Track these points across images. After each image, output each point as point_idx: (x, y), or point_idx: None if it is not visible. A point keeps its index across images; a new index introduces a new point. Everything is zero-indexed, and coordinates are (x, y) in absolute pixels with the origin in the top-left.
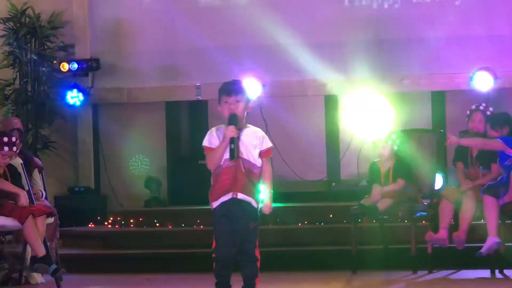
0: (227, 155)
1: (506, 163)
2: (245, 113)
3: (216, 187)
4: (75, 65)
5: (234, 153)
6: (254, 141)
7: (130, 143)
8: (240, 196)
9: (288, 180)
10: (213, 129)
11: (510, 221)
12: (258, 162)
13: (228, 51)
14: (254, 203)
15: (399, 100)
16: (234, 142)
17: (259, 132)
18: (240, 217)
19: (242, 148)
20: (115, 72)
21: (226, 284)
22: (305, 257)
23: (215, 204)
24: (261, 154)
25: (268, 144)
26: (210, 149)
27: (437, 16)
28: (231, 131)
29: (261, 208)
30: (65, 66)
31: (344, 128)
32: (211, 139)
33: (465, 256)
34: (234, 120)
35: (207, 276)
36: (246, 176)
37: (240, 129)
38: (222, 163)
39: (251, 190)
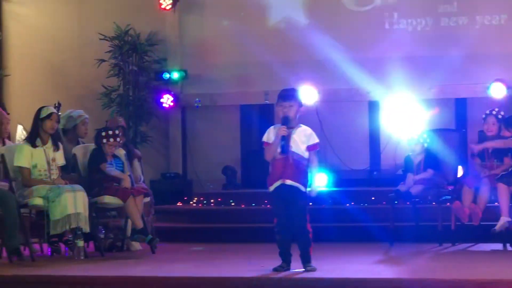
0: (279, 149)
1: None
2: (297, 115)
3: (271, 174)
4: (168, 75)
5: (284, 148)
6: (303, 138)
7: (211, 138)
8: (289, 182)
9: (339, 169)
10: (271, 127)
11: None
12: (305, 154)
13: (290, 63)
14: (301, 188)
15: (429, 105)
16: (284, 139)
17: (308, 130)
18: (291, 198)
19: (292, 143)
20: (199, 81)
21: (286, 252)
22: (352, 231)
23: (271, 188)
24: (309, 148)
25: (314, 140)
26: (267, 144)
27: (461, 37)
28: (283, 130)
29: (309, 191)
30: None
31: (383, 128)
32: (269, 136)
33: (481, 232)
34: (286, 121)
35: (272, 245)
36: (295, 166)
37: (291, 128)
38: (275, 155)
39: (299, 177)
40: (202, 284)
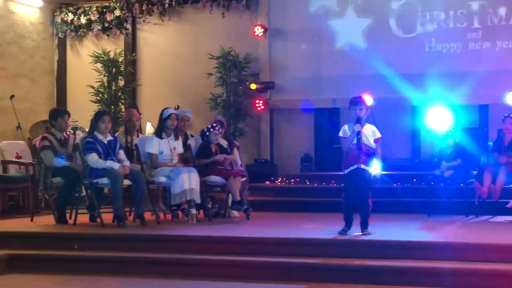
0: (354, 141)
1: None
2: (365, 116)
3: (347, 160)
4: (260, 86)
5: (359, 141)
6: (370, 133)
7: (292, 133)
8: (362, 166)
9: (388, 157)
10: (345, 125)
11: None
12: (373, 145)
13: (352, 77)
14: (369, 170)
15: (459, 109)
16: (359, 134)
17: (373, 127)
18: (361, 179)
19: (363, 137)
20: (283, 90)
21: (350, 218)
22: (398, 205)
23: (346, 171)
24: (375, 141)
25: (378, 134)
26: (343, 138)
27: (484, 57)
28: (358, 127)
29: (374, 174)
30: (253, 85)
31: (423, 126)
32: (344, 132)
33: (499, 207)
34: (359, 120)
35: (337, 215)
36: (366, 154)
37: (362, 126)
38: (351, 146)
39: (369, 163)
40: (285, 243)
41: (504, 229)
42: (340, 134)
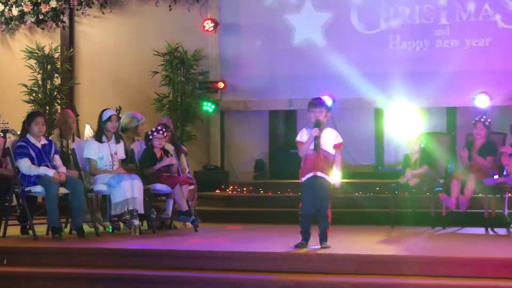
0: (312, 147)
1: None
2: (325, 119)
3: (304, 167)
4: (210, 85)
5: (317, 146)
6: (330, 138)
7: (244, 137)
8: (319, 174)
9: (349, 164)
10: (304, 129)
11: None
12: (332, 152)
13: (310, 76)
14: (328, 179)
15: (425, 113)
16: (316, 139)
17: (334, 132)
18: (319, 188)
19: (322, 142)
20: (235, 90)
21: (307, 231)
22: (360, 216)
23: (303, 179)
24: (334, 147)
25: (339, 140)
26: (301, 143)
27: (452, 56)
28: (316, 131)
29: (333, 183)
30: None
31: (387, 131)
32: (302, 136)
33: (467, 218)
34: (318, 124)
35: (293, 226)
36: (324, 161)
37: (321, 130)
38: (308, 152)
39: (327, 170)
40: (236, 257)
41: (474, 242)
42: (298, 138)
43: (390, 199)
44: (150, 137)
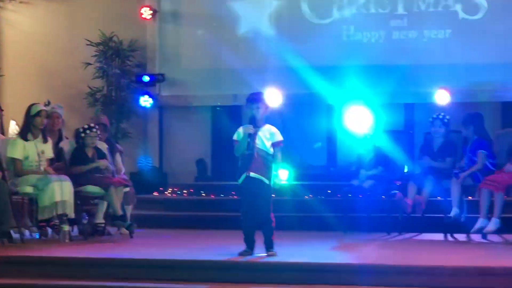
0: (245, 145)
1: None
2: (264, 116)
3: (239, 168)
4: (147, 78)
5: (250, 145)
6: (268, 136)
7: (185, 135)
8: (253, 174)
9: (299, 165)
10: (241, 127)
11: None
12: (270, 151)
13: (257, 69)
14: (266, 180)
15: (381, 109)
16: (250, 137)
17: (273, 129)
18: (256, 190)
19: (258, 141)
20: (175, 84)
21: (251, 238)
22: (310, 221)
23: (239, 181)
24: (273, 145)
25: (278, 138)
26: (237, 141)
27: (410, 49)
28: (249, 129)
29: (273, 183)
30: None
31: (340, 128)
32: (238, 134)
33: (425, 223)
34: (253, 121)
35: (238, 232)
36: (260, 161)
37: (258, 127)
38: (243, 151)
39: (263, 171)
40: (174, 266)
41: (432, 249)
42: (234, 137)
43: (343, 202)
44: (82, 135)
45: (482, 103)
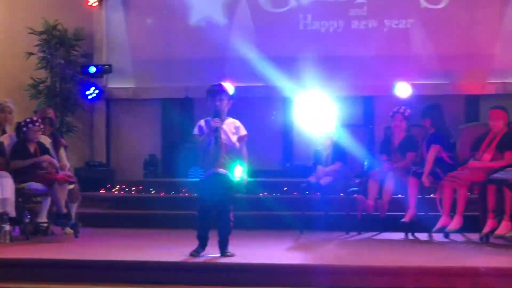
0: (212, 140)
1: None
2: (227, 108)
3: (203, 163)
4: (94, 69)
5: (218, 139)
6: (232, 129)
7: (133, 129)
8: (220, 170)
9: (254, 160)
10: (202, 120)
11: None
12: (235, 145)
13: (209, 60)
14: (231, 176)
15: (339, 102)
16: (217, 131)
17: (237, 122)
18: (220, 187)
19: (223, 134)
20: (123, 75)
21: (204, 236)
22: (265, 219)
23: (203, 176)
24: (238, 139)
25: (243, 131)
26: (199, 136)
27: (369, 39)
28: (216, 122)
29: (238, 181)
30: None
31: (297, 122)
32: (200, 128)
33: (385, 222)
34: (218, 114)
35: (188, 231)
36: (226, 156)
37: (222, 121)
38: (207, 146)
39: (229, 166)
40: (121, 267)
41: (392, 249)
42: (195, 131)
43: (299, 200)
44: (24, 129)
45: (445, 96)
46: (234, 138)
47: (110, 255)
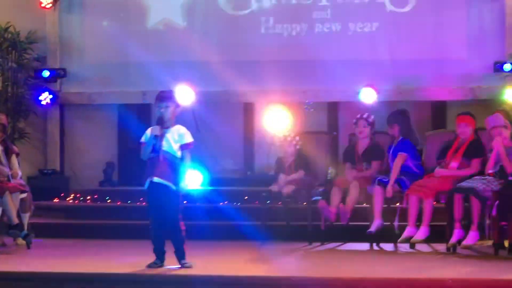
0: (152, 148)
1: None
2: (174, 116)
3: (145, 173)
4: (47, 73)
5: (155, 147)
6: (176, 137)
7: (89, 136)
8: (157, 179)
9: (213, 169)
10: (149, 128)
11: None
12: (178, 153)
13: (168, 64)
14: (171, 186)
15: (302, 108)
16: (155, 139)
17: (182, 129)
18: (162, 196)
19: (165, 143)
20: (78, 79)
21: (160, 249)
22: (225, 230)
23: (145, 186)
24: (181, 147)
25: (188, 139)
26: (144, 144)
27: (333, 44)
28: (155, 130)
29: (182, 189)
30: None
31: (258, 129)
32: (146, 136)
33: (350, 232)
34: (161, 122)
35: (148, 242)
36: (166, 164)
37: (166, 128)
38: (149, 154)
39: (169, 176)
40: (76, 280)
41: (356, 260)
42: (142, 139)
43: (260, 209)
44: None
45: (411, 102)
46: (176, 146)
47: (64, 267)
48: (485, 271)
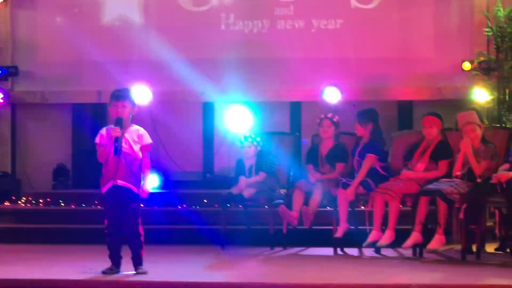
0: (112, 150)
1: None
2: (130, 115)
3: (104, 175)
4: None
5: (117, 150)
6: (135, 138)
7: (42, 137)
8: (121, 183)
9: (171, 171)
10: (104, 128)
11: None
12: (138, 155)
13: (124, 63)
14: (134, 189)
15: (264, 108)
16: (117, 140)
17: (141, 130)
18: (123, 200)
19: (124, 144)
20: (30, 78)
21: (117, 254)
22: (183, 234)
23: (103, 189)
24: (141, 149)
25: (147, 140)
26: (100, 145)
27: (296, 41)
28: (116, 131)
29: (140, 192)
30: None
31: (218, 130)
32: (101, 137)
33: (313, 236)
34: (119, 122)
35: (103, 247)
36: (127, 167)
37: (124, 129)
38: (108, 156)
39: (131, 178)
40: (25, 287)
41: (319, 265)
42: (96, 140)
43: (220, 213)
44: None
45: (376, 102)
46: (137, 148)
47: (16, 273)
48: (452, 276)
